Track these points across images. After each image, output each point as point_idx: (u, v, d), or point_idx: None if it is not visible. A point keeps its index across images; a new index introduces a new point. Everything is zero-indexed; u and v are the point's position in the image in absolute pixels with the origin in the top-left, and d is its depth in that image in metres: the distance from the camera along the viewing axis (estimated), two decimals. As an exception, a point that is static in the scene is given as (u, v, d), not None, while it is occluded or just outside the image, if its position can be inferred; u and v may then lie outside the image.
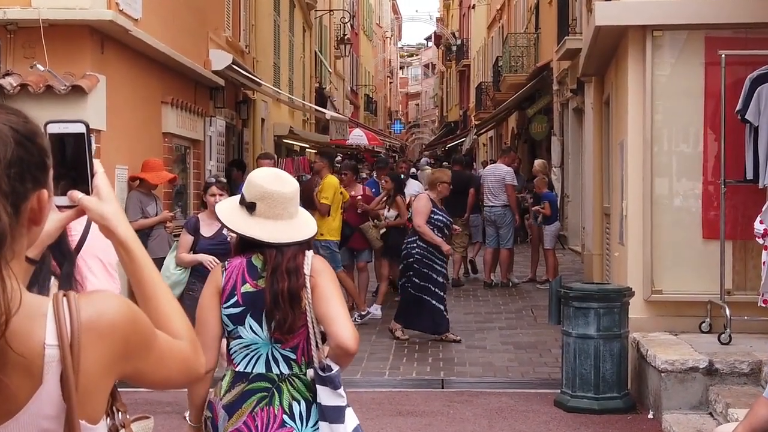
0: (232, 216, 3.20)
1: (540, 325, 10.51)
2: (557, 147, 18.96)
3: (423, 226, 9.51)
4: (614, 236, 9.32)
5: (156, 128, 10.55)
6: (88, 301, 1.37)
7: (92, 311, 1.36)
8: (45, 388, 1.31)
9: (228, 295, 3.15)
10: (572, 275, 14.19)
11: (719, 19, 7.58)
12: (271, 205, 3.15)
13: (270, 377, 3.14)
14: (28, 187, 1.33)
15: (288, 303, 3.08)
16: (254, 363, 3.15)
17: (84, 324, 1.33)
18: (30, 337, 1.30)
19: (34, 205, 1.35)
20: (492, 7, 35.94)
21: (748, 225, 7.63)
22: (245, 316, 3.13)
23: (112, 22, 8.27)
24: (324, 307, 3.11)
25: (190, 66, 11.41)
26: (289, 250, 3.14)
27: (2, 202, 1.27)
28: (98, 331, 1.35)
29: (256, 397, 3.12)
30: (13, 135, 1.31)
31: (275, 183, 3.19)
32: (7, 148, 1.29)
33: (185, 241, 6.95)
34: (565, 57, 16.51)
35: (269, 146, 18.48)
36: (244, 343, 3.15)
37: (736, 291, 7.62)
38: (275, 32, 19.60)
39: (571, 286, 7.32)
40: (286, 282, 3.09)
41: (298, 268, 3.12)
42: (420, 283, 9.54)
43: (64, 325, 1.31)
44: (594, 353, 6.97)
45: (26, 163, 1.32)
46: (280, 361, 3.15)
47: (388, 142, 45.22)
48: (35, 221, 1.37)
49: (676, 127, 7.86)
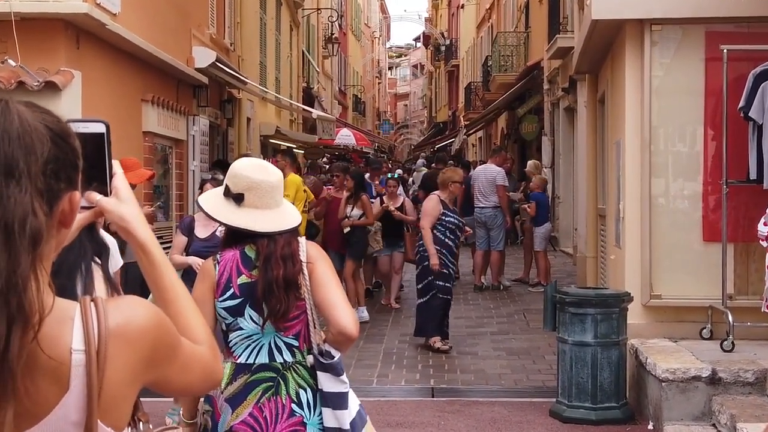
0: (219, 208, 3.17)
1: (533, 329, 10.21)
2: (548, 147, 18.77)
3: (427, 229, 9.08)
4: (610, 239, 9.03)
5: (136, 127, 10.20)
6: (116, 307, 1.37)
7: (120, 317, 1.35)
8: (72, 394, 1.30)
9: (224, 288, 3.12)
10: (564, 278, 13.95)
11: (720, 12, 7.29)
12: (260, 194, 3.13)
13: (274, 366, 3.12)
14: (61, 187, 1.32)
15: (283, 289, 3.06)
16: (256, 353, 3.13)
17: (112, 330, 1.33)
18: (58, 341, 1.30)
19: (65, 206, 1.34)
20: (481, 6, 35.75)
21: (750, 227, 7.37)
22: (244, 307, 3.11)
23: (87, 15, 7.91)
24: (323, 294, 3.11)
25: (171, 63, 11.07)
26: (281, 238, 3.13)
27: (38, 200, 1.27)
28: (126, 338, 1.35)
29: (261, 387, 3.10)
30: (49, 133, 1.31)
31: (261, 173, 3.17)
32: (44, 146, 1.29)
33: (179, 242, 6.63)
34: (556, 55, 16.35)
35: (255, 146, 18.15)
36: (244, 334, 3.13)
37: (738, 296, 7.36)
38: (261, 30, 19.27)
39: (567, 291, 7.02)
40: (281, 269, 3.07)
41: (294, 254, 3.11)
42: (444, 284, 9.17)
43: (91, 330, 1.31)
44: (591, 361, 6.69)
45: (61, 162, 1.32)
46: (283, 349, 3.13)
47: (377, 142, 44.93)
48: (65, 223, 1.36)
49: (675, 126, 7.57)
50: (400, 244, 11.64)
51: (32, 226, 1.25)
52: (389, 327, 10.60)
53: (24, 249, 1.24)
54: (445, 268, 9.16)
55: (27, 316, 1.24)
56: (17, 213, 1.24)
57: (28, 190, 1.25)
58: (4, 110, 1.29)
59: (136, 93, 10.22)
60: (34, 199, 1.26)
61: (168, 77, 11.57)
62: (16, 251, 1.24)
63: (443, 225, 9.15)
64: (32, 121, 1.30)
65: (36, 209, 1.26)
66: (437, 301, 9.16)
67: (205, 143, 13.17)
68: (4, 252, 1.23)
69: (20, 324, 1.23)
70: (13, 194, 1.24)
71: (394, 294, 11.80)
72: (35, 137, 1.28)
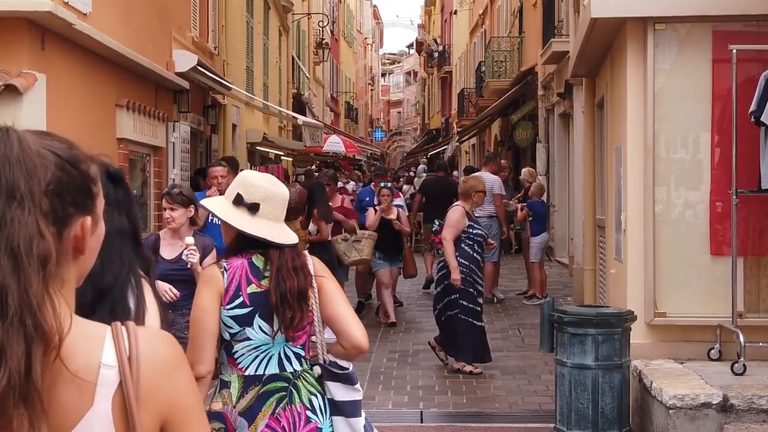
0: (233, 215, 3.17)
1: (528, 346, 9.71)
2: (543, 154, 18.36)
3: (449, 241, 8.33)
4: (609, 251, 8.53)
5: (109, 133, 9.67)
6: (145, 333, 1.40)
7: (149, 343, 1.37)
8: (96, 410, 1.31)
9: (232, 296, 3.11)
10: (560, 290, 13.48)
11: (728, 10, 6.81)
12: (274, 206, 3.19)
13: (285, 376, 3.14)
14: (70, 212, 1.32)
15: (296, 300, 3.11)
16: (266, 364, 3.14)
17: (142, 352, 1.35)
18: (85, 356, 1.31)
19: (77, 232, 1.34)
20: (474, 11, 35.37)
21: (761, 239, 6.93)
22: (253, 317, 3.11)
23: (51, 14, 7.39)
24: (332, 308, 3.19)
25: (149, 67, 10.55)
26: (289, 251, 3.18)
27: (44, 222, 1.27)
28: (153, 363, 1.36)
29: (274, 398, 3.11)
30: (54, 159, 1.31)
31: (276, 185, 3.26)
32: (47, 170, 1.30)
33: None
34: (551, 60, 15.95)
35: (241, 153, 17.64)
36: (252, 345, 3.13)
37: (749, 313, 6.87)
38: (248, 34, 18.77)
39: (566, 310, 6.50)
40: (295, 280, 3.12)
41: (304, 266, 3.17)
42: (467, 305, 8.41)
43: (123, 348, 1.34)
44: (592, 386, 6.18)
45: (66, 186, 1.32)
46: (292, 358, 3.17)
47: (368, 149, 44.43)
48: (80, 249, 1.36)
49: (680, 131, 7.08)
50: (399, 258, 11.09)
51: (39, 247, 1.25)
52: (377, 343, 10.07)
53: (33, 269, 1.24)
54: (471, 287, 8.44)
55: (46, 336, 1.24)
56: (22, 234, 1.24)
57: (31, 212, 1.26)
58: (3, 136, 1.29)
59: (109, 98, 9.69)
60: (39, 220, 1.26)
61: (146, 81, 11.05)
62: (26, 272, 1.24)
63: (470, 238, 8.46)
64: (34, 146, 1.30)
65: (42, 230, 1.26)
66: (461, 324, 8.39)
67: (186, 150, 12.65)
68: (14, 273, 1.23)
69: (40, 344, 1.24)
70: (16, 216, 1.25)
71: (390, 308, 11.19)
72: (37, 161, 1.29)
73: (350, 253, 10.44)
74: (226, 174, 8.04)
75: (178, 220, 5.53)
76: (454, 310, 8.42)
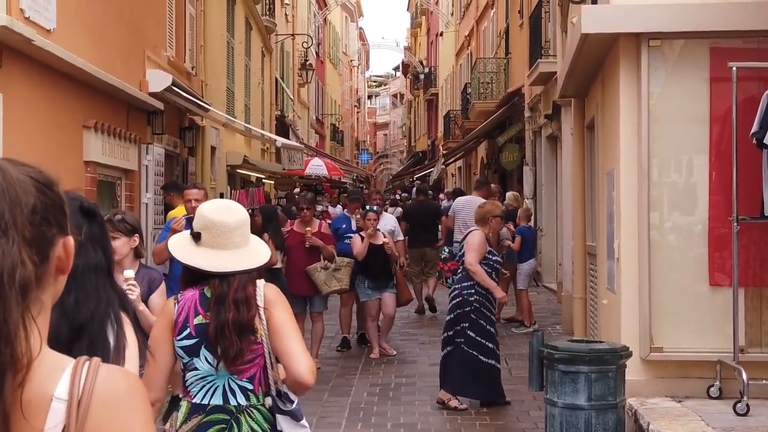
0: (182, 246, 3.24)
1: (515, 378, 9.23)
2: (530, 177, 18.03)
3: (476, 265, 7.78)
4: (601, 280, 8.11)
5: (75, 156, 9.20)
6: (109, 370, 1.36)
7: (106, 380, 1.33)
8: None
9: (181, 327, 3.16)
10: (548, 317, 13.06)
11: (727, 26, 6.47)
12: (215, 234, 3.17)
13: (228, 409, 3.15)
14: (54, 233, 1.33)
15: (235, 333, 3.08)
16: (211, 395, 3.17)
17: (97, 389, 1.31)
18: (42, 385, 1.30)
19: (60, 252, 1.34)
20: (460, 33, 35.15)
21: (762, 269, 6.52)
22: (199, 348, 3.14)
23: (7, 29, 6.94)
24: (278, 341, 3.14)
25: (119, 86, 10.10)
26: (236, 279, 3.14)
27: (27, 251, 1.27)
28: (107, 401, 1.33)
29: (214, 429, 3.14)
30: (33, 183, 1.31)
31: (221, 213, 3.23)
32: (29, 196, 1.30)
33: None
34: (538, 81, 15.65)
35: (221, 176, 17.19)
36: (200, 375, 3.16)
37: (751, 348, 6.48)
38: (229, 55, 18.37)
39: (556, 345, 6.05)
40: (232, 312, 3.09)
41: (249, 298, 3.14)
42: (475, 338, 7.86)
43: (77, 383, 1.31)
44: (584, 427, 5.75)
45: (49, 209, 1.33)
46: (237, 392, 3.16)
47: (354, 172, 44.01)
48: (62, 269, 1.36)
49: (676, 153, 6.76)
50: (391, 285, 10.54)
51: (21, 276, 1.26)
52: (358, 377, 9.59)
53: (14, 299, 1.25)
54: (483, 318, 7.88)
55: (17, 364, 1.25)
56: (6, 264, 1.24)
57: (15, 241, 1.26)
58: None
59: (76, 119, 9.22)
60: (22, 249, 1.27)
61: (116, 102, 10.59)
62: (7, 302, 1.24)
63: (489, 265, 7.90)
64: (15, 173, 1.30)
65: (24, 259, 1.27)
66: (462, 355, 7.86)
67: (160, 174, 12.18)
68: None
69: (11, 372, 1.25)
70: (0, 246, 1.24)
71: (375, 340, 10.66)
72: (19, 189, 1.29)
73: (330, 282, 9.93)
74: (202, 197, 7.63)
75: (119, 251, 4.82)
76: (458, 339, 7.95)
